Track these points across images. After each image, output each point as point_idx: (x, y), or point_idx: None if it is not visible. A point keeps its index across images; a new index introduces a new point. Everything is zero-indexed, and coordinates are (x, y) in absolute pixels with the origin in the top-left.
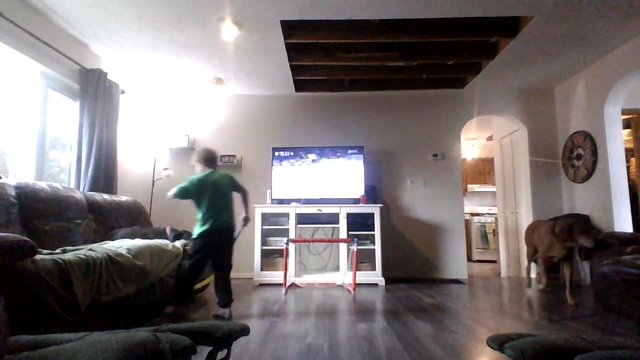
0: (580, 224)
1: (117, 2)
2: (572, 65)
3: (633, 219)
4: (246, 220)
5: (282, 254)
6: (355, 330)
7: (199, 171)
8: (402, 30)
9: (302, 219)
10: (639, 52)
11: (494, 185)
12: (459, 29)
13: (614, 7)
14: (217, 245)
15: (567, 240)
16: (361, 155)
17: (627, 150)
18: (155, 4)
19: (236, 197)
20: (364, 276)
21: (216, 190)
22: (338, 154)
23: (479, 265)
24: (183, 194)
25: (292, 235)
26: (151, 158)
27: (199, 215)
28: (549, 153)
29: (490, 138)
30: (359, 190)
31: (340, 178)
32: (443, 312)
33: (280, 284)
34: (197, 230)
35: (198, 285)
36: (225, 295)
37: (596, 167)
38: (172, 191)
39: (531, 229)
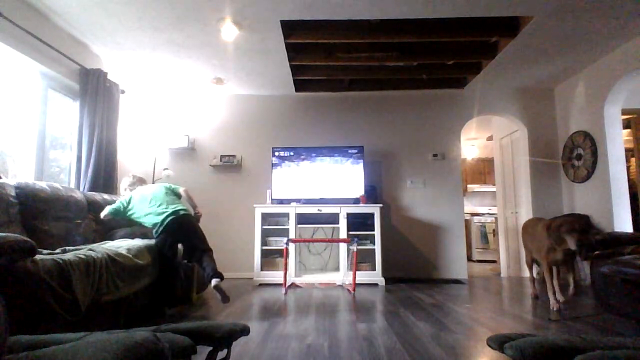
0: (570, 222)
1: (117, 2)
2: (572, 65)
3: (633, 219)
4: (196, 215)
5: (282, 254)
6: (355, 330)
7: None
8: (402, 30)
9: (302, 219)
10: (639, 52)
11: (494, 185)
12: (459, 29)
13: (614, 7)
14: (183, 234)
15: (559, 241)
16: (361, 155)
17: (627, 150)
18: (155, 4)
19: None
20: (364, 276)
21: (149, 197)
22: (338, 154)
23: (479, 265)
24: (115, 212)
25: (292, 235)
26: (151, 158)
27: (149, 223)
28: (549, 153)
29: (490, 138)
30: (358, 190)
31: (340, 178)
32: (443, 312)
33: (280, 284)
34: (155, 233)
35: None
36: (212, 266)
37: (596, 167)
38: (105, 211)
39: (524, 228)
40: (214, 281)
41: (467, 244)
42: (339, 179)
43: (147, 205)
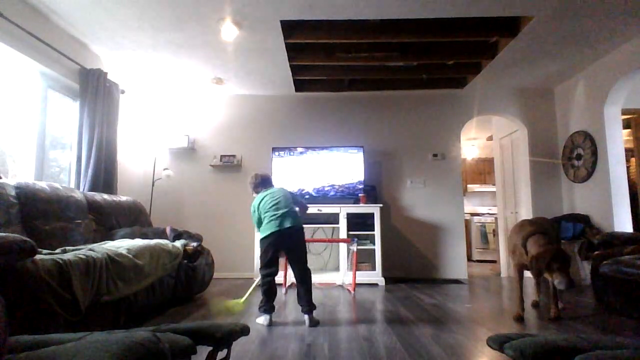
0: (559, 255)
1: (117, 2)
2: (572, 65)
3: (633, 219)
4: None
5: (282, 254)
6: (355, 330)
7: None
8: (402, 30)
9: None
10: (639, 52)
11: (494, 185)
12: (459, 29)
13: (614, 7)
14: (287, 247)
15: (543, 269)
16: (361, 155)
17: (627, 150)
18: (155, 4)
19: None
20: (364, 276)
21: (271, 200)
22: (338, 153)
23: (479, 265)
24: (256, 223)
25: None
26: (151, 158)
27: (262, 225)
28: (549, 153)
29: (490, 138)
30: (358, 190)
31: (340, 178)
32: (443, 312)
33: (280, 284)
34: (260, 236)
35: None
36: (305, 303)
37: (596, 167)
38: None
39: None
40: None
41: (467, 244)
42: (339, 179)
43: (266, 210)
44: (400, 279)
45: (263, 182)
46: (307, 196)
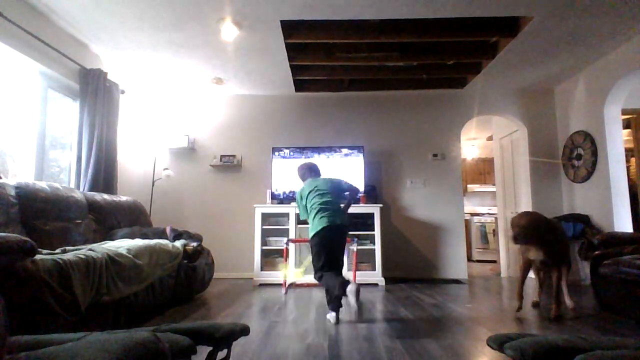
0: (512, 227)
1: (117, 2)
2: (572, 65)
3: (633, 219)
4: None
5: (282, 254)
6: (355, 330)
7: None
8: (402, 30)
9: None
10: (639, 52)
11: (494, 185)
12: (459, 29)
13: (614, 7)
14: (328, 246)
15: (524, 250)
16: (361, 155)
17: (627, 150)
18: (155, 4)
19: None
20: (364, 276)
21: (317, 194)
22: (338, 153)
23: (479, 265)
24: (302, 211)
25: (292, 235)
26: (151, 158)
27: (310, 220)
28: (549, 153)
29: (490, 138)
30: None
31: (341, 178)
32: (443, 312)
33: (280, 284)
34: (310, 233)
35: None
36: (333, 300)
37: (596, 167)
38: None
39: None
40: (329, 314)
41: (467, 244)
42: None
43: (311, 203)
44: (400, 279)
45: (310, 171)
46: None
